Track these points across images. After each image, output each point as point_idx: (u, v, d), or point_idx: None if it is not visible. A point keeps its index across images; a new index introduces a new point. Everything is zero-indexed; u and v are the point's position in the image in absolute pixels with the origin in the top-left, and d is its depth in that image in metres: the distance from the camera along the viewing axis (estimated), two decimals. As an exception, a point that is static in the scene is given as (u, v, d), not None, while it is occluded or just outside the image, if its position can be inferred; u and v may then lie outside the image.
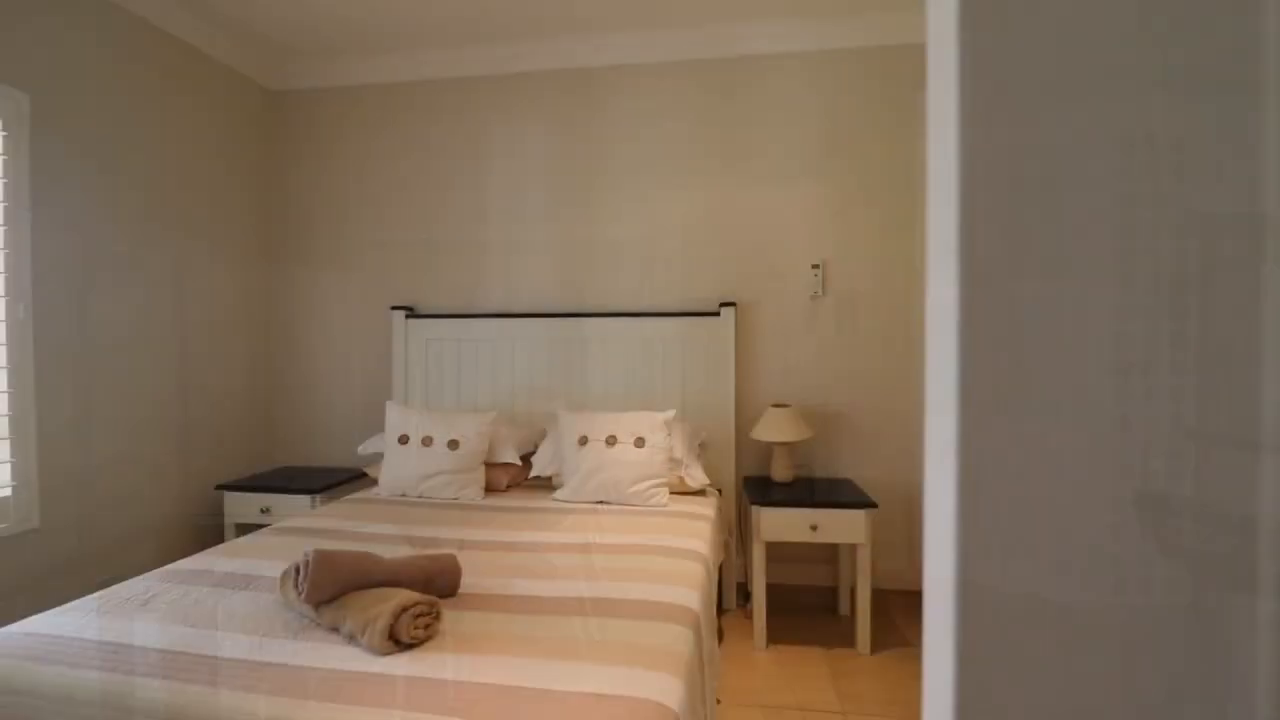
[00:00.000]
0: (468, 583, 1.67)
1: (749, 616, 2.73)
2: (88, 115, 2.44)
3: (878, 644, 2.50)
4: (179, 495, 2.84)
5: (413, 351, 3.16)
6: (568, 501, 2.49)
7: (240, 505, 2.85)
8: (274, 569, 1.77)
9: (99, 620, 1.45)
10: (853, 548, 2.50)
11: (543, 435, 2.90)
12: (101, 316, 2.49)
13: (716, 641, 2.07)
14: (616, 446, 2.48)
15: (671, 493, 2.54)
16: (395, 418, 2.70)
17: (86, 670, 1.27)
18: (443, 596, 1.57)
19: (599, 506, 2.42)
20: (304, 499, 2.76)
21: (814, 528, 2.42)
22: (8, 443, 2.16)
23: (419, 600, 1.38)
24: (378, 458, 2.90)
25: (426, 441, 2.60)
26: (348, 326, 3.30)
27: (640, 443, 2.47)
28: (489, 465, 2.70)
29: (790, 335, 2.94)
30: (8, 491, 2.16)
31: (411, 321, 3.16)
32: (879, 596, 2.84)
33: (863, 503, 2.43)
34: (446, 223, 3.20)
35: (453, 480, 2.56)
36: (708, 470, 2.73)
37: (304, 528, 2.19)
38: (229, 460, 3.11)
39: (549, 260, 3.11)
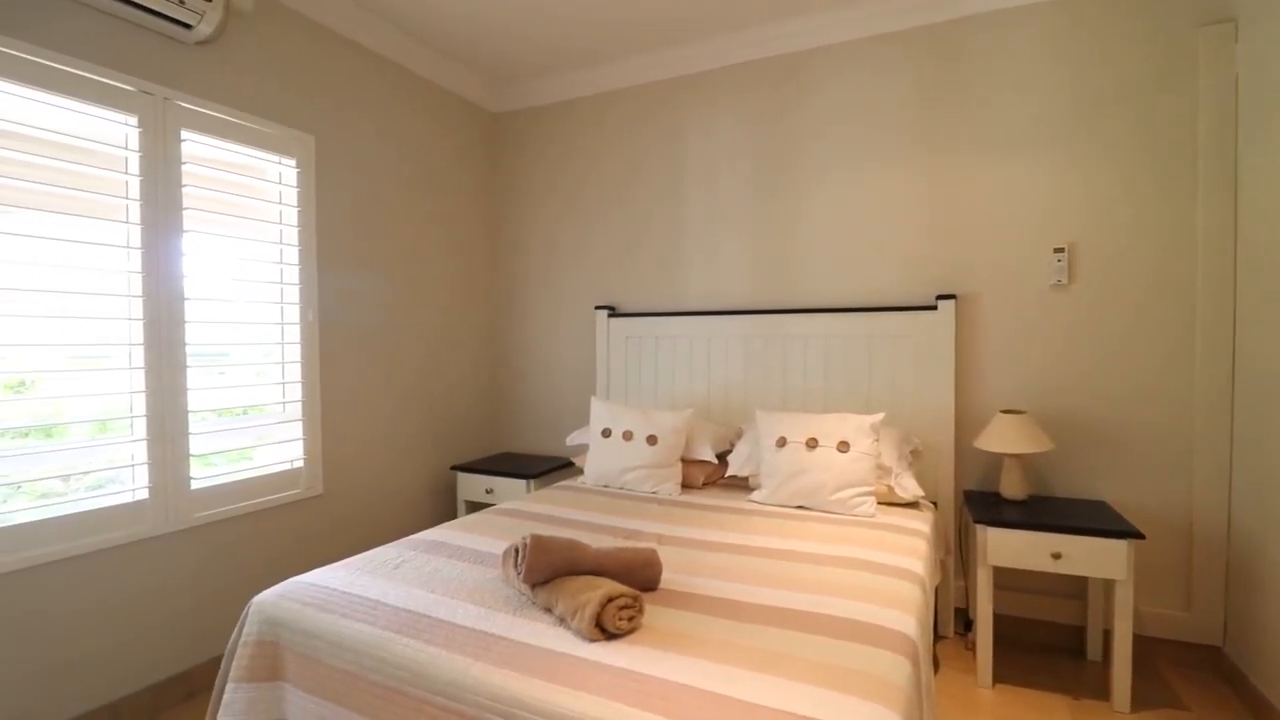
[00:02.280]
0: (667, 578, 1.69)
1: (969, 648, 2.45)
2: (351, 146, 2.89)
3: (1140, 700, 2.09)
4: (422, 472, 3.26)
5: (614, 349, 3.30)
6: (764, 504, 2.42)
7: (469, 485, 3.20)
8: (496, 547, 1.94)
9: (362, 578, 1.70)
10: (1108, 583, 2.11)
11: (739, 434, 2.86)
12: (363, 319, 2.94)
13: (932, 671, 1.87)
14: (818, 450, 2.35)
15: (879, 503, 2.35)
16: (598, 412, 2.83)
17: (353, 621, 1.49)
18: (644, 590, 1.59)
19: (798, 512, 2.31)
20: (520, 483, 3.02)
21: (1056, 556, 2.08)
22: (300, 424, 2.64)
23: (624, 592, 1.41)
24: (583, 449, 3.08)
25: (627, 436, 2.69)
26: (559, 325, 3.55)
27: (844, 447, 2.32)
28: (686, 462, 2.73)
29: (1025, 331, 2.56)
30: (300, 464, 2.64)
31: (613, 320, 3.29)
32: (1141, 644, 2.37)
33: (1124, 531, 2.03)
34: (647, 223, 3.29)
35: (651, 475, 2.62)
36: (920, 481, 2.48)
37: (520, 510, 2.38)
38: (461, 444, 3.51)
39: (747, 256, 3.05)
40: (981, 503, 2.38)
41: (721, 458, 2.78)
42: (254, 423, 2.51)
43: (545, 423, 3.60)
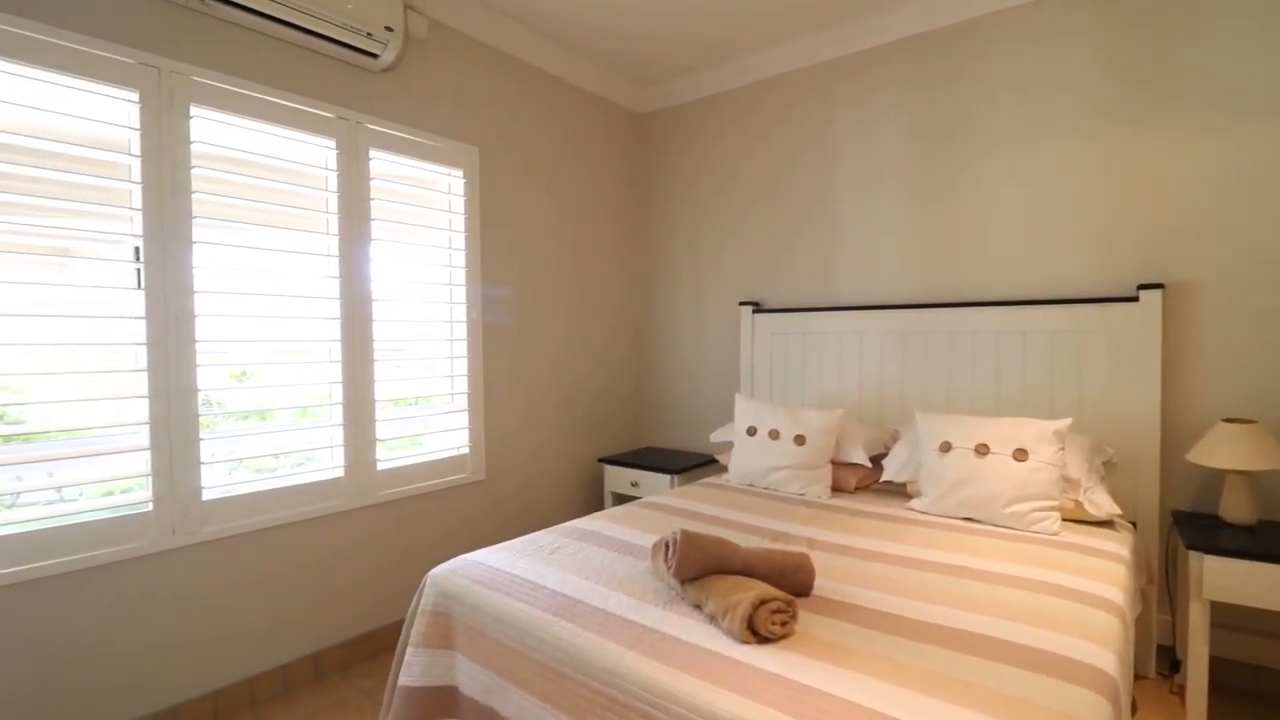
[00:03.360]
0: (820, 585, 1.62)
1: (1175, 692, 2.13)
2: (509, 155, 3.07)
3: None
4: (572, 463, 3.41)
5: (759, 345, 3.23)
6: (926, 513, 2.24)
7: (616, 477, 3.29)
8: (644, 539, 1.97)
9: (522, 561, 1.80)
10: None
11: (895, 437, 2.69)
12: (521, 318, 3.12)
13: (1129, 716, 1.63)
14: (989, 457, 2.14)
15: (1064, 520, 2.10)
16: (743, 410, 2.79)
17: (514, 600, 1.58)
18: (795, 595, 1.54)
19: (965, 524, 2.12)
20: (665, 478, 3.05)
21: (1301, 595, 1.73)
22: (466, 414, 2.86)
23: (776, 596, 1.37)
24: (727, 446, 3.05)
25: (773, 435, 2.63)
26: (703, 322, 3.55)
27: (1022, 455, 2.09)
28: (836, 464, 2.61)
29: (1255, 326, 2.16)
30: (466, 451, 2.86)
31: (758, 316, 3.23)
32: None
33: (1401, 572, 1.65)
34: (794, 214, 3.19)
35: (798, 476, 2.54)
36: (1116, 497, 2.18)
37: (666, 505, 2.40)
38: (609, 437, 3.62)
39: (905, 246, 2.85)
40: (1196, 526, 2.04)
41: (875, 461, 2.62)
42: (425, 412, 2.75)
43: (688, 419, 3.61)
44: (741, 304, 3.28)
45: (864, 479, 2.61)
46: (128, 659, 1.92)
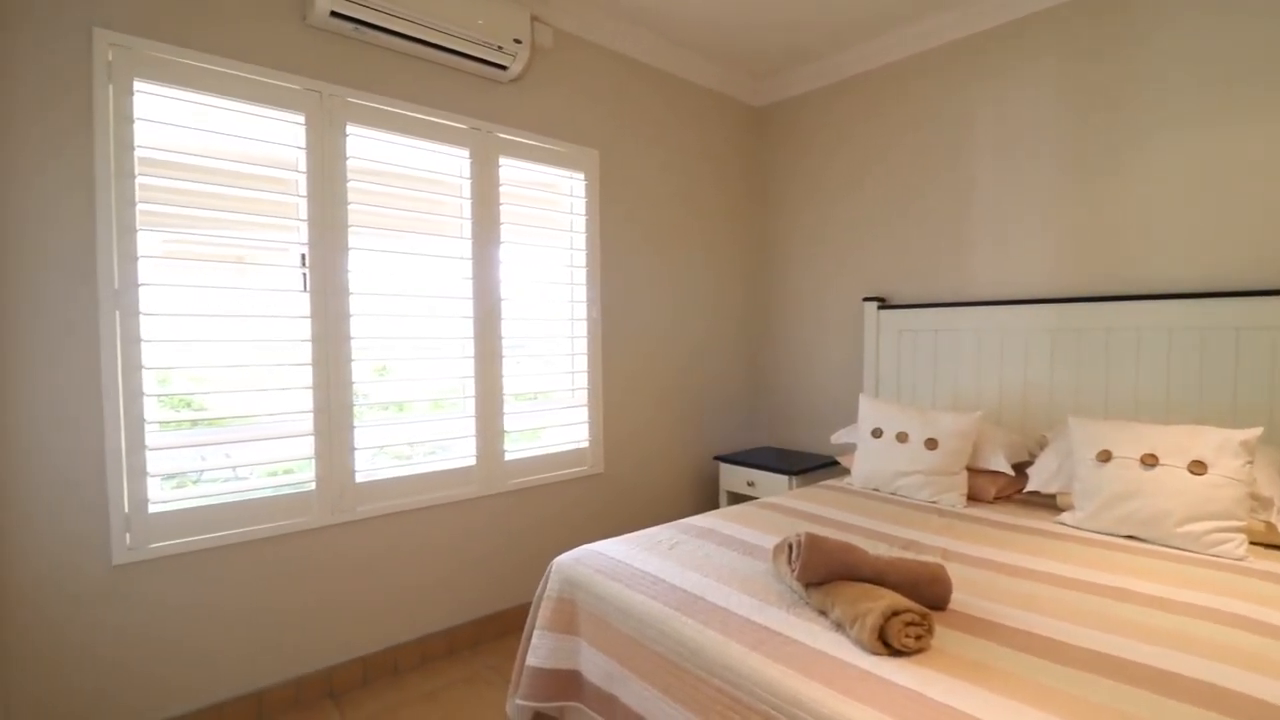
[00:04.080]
0: (958, 599, 1.52)
1: None
2: (628, 155, 3.11)
3: None
4: (687, 460, 3.42)
5: (884, 343, 3.07)
6: (1080, 529, 2.04)
7: (731, 476, 3.26)
8: (764, 540, 1.94)
9: (642, 554, 1.83)
10: None
11: (1042, 444, 2.46)
12: (638, 315, 3.16)
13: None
14: (1158, 469, 1.90)
15: (1251, 543, 1.83)
16: (867, 410, 2.67)
17: (636, 592, 1.60)
18: (930, 608, 1.45)
19: (1128, 543, 1.90)
20: (782, 479, 2.99)
21: None
22: (586, 409, 2.94)
23: (910, 608, 1.29)
24: (850, 448, 2.93)
25: (901, 438, 2.49)
26: (824, 319, 3.43)
27: (1199, 468, 1.84)
28: (972, 471, 2.43)
29: None
30: (585, 445, 2.95)
31: (884, 312, 3.07)
32: None
33: None
34: (925, 206, 3.00)
35: (930, 482, 2.39)
36: (1323, 520, 1.87)
37: (785, 506, 2.34)
38: (725, 435, 3.60)
39: (1056, 234, 2.60)
40: None
41: (1019, 469, 2.42)
42: (547, 406, 2.86)
43: (807, 419, 3.51)
44: (866, 300, 3.14)
45: (1005, 488, 2.41)
46: (290, 622, 2.16)
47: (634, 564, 1.75)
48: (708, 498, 3.51)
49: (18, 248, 1.70)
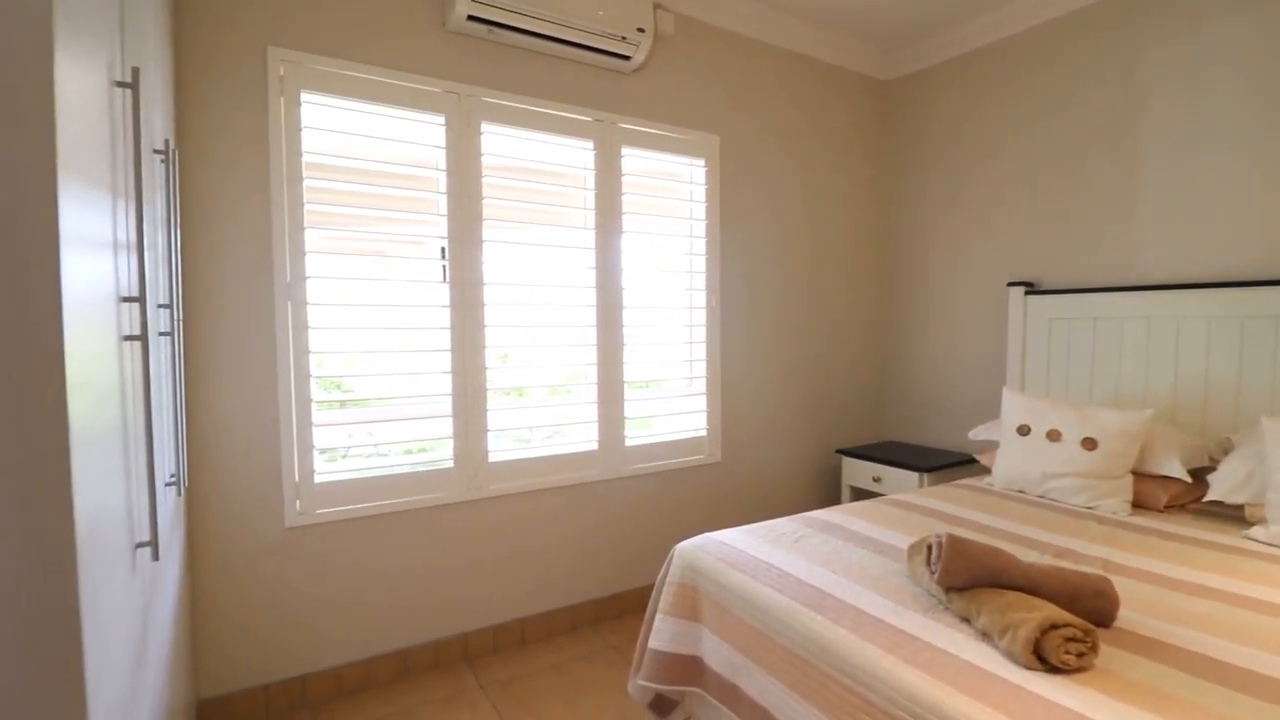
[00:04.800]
0: (1125, 616, 1.37)
1: None
2: (749, 139, 3.04)
3: None
4: (806, 453, 3.32)
5: (1032, 332, 2.81)
6: (1275, 546, 1.77)
7: (855, 470, 3.13)
8: (895, 538, 1.85)
9: (765, 546, 1.80)
10: None
11: (1226, 447, 2.16)
12: (758, 303, 3.10)
13: None
14: (1389, 481, 1.61)
15: None
16: (1013, 405, 2.45)
17: (760, 583, 1.58)
18: (1092, 623, 1.31)
19: (1343, 565, 1.63)
20: (912, 476, 2.82)
21: None
22: (704, 397, 2.93)
23: (1071, 621, 1.18)
24: (990, 445, 2.72)
25: (1053, 436, 2.27)
26: (961, 306, 3.19)
27: None
28: (1139, 475, 2.17)
29: None
30: (703, 433, 2.94)
31: (1031, 298, 2.81)
32: None
33: None
34: (1082, 181, 2.70)
35: (1087, 486, 2.16)
36: None
37: (917, 504, 2.21)
38: (846, 427, 3.46)
39: (1246, 209, 2.26)
40: None
41: (1196, 476, 2.14)
42: (665, 394, 2.88)
43: (939, 413, 3.29)
44: (1010, 285, 2.89)
45: (1178, 496, 2.14)
46: (430, 589, 2.33)
47: (757, 555, 1.73)
48: (829, 492, 3.39)
49: (209, 247, 1.94)
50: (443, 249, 2.28)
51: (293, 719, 2.05)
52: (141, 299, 0.97)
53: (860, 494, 3.16)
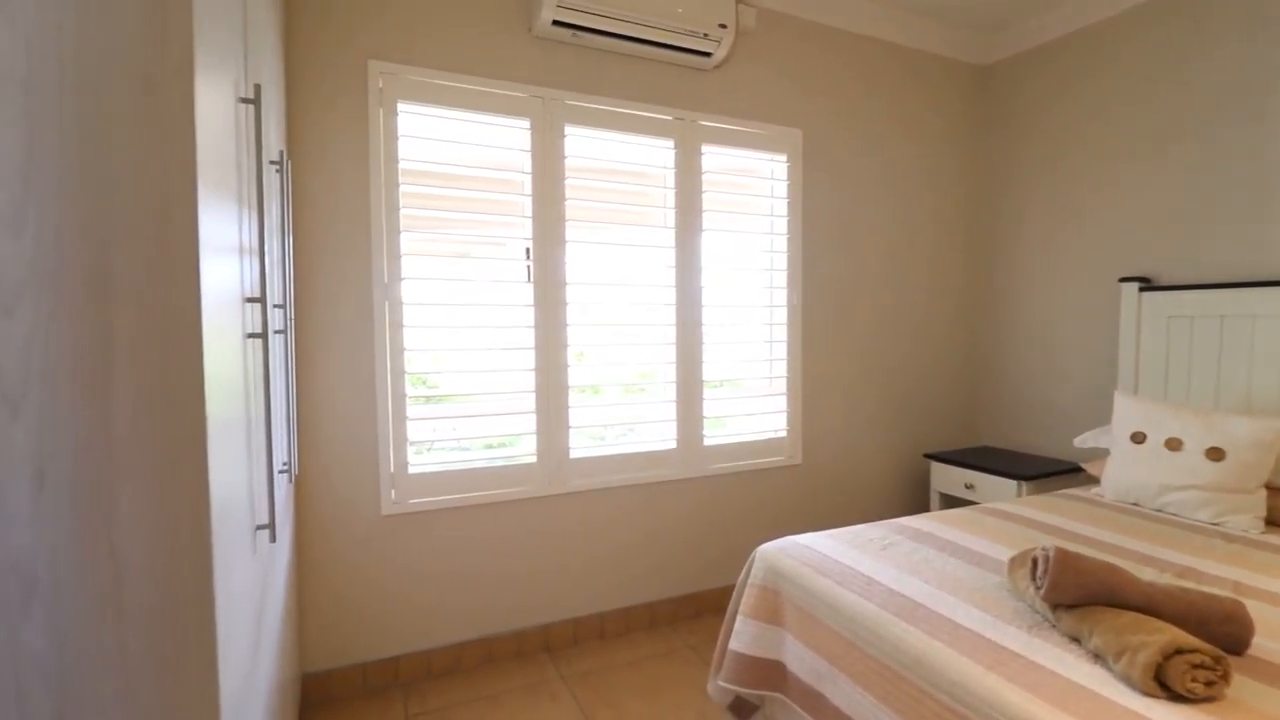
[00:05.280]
0: (1259, 644, 1.24)
1: None
2: (832, 133, 2.95)
3: None
4: (893, 456, 3.20)
5: (1148, 331, 2.59)
6: None
7: (945, 476, 2.98)
8: (993, 550, 1.75)
9: (851, 552, 1.74)
10: None
11: (1386, 461, 1.92)
12: (841, 301, 3.01)
13: None
14: None
15: None
16: (1126, 411, 2.27)
17: (848, 591, 1.53)
18: (1223, 650, 1.20)
19: None
20: (1009, 484, 2.66)
21: None
22: (784, 397, 2.88)
23: (1199, 647, 1.08)
24: (1099, 454, 2.54)
25: (1172, 445, 2.09)
26: (1064, 303, 2.98)
27: None
28: (1273, 490, 1.97)
29: None
30: (783, 434, 2.88)
31: (1146, 295, 2.59)
32: None
33: None
34: (1207, 163, 2.46)
35: (1213, 500, 1.97)
36: None
37: (1016, 515, 2.09)
38: (934, 431, 3.31)
39: None
40: None
41: (1347, 492, 1.91)
42: (744, 394, 2.84)
43: (1039, 418, 3.09)
44: (1123, 280, 2.67)
45: (1325, 514, 1.92)
46: (513, 580, 2.40)
47: (844, 561, 1.68)
48: (916, 498, 3.25)
49: (316, 250, 2.07)
50: (527, 249, 2.34)
51: (387, 697, 2.16)
52: (262, 299, 1.04)
53: (951, 501, 3.01)
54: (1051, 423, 3.01)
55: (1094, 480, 2.51)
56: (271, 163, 1.44)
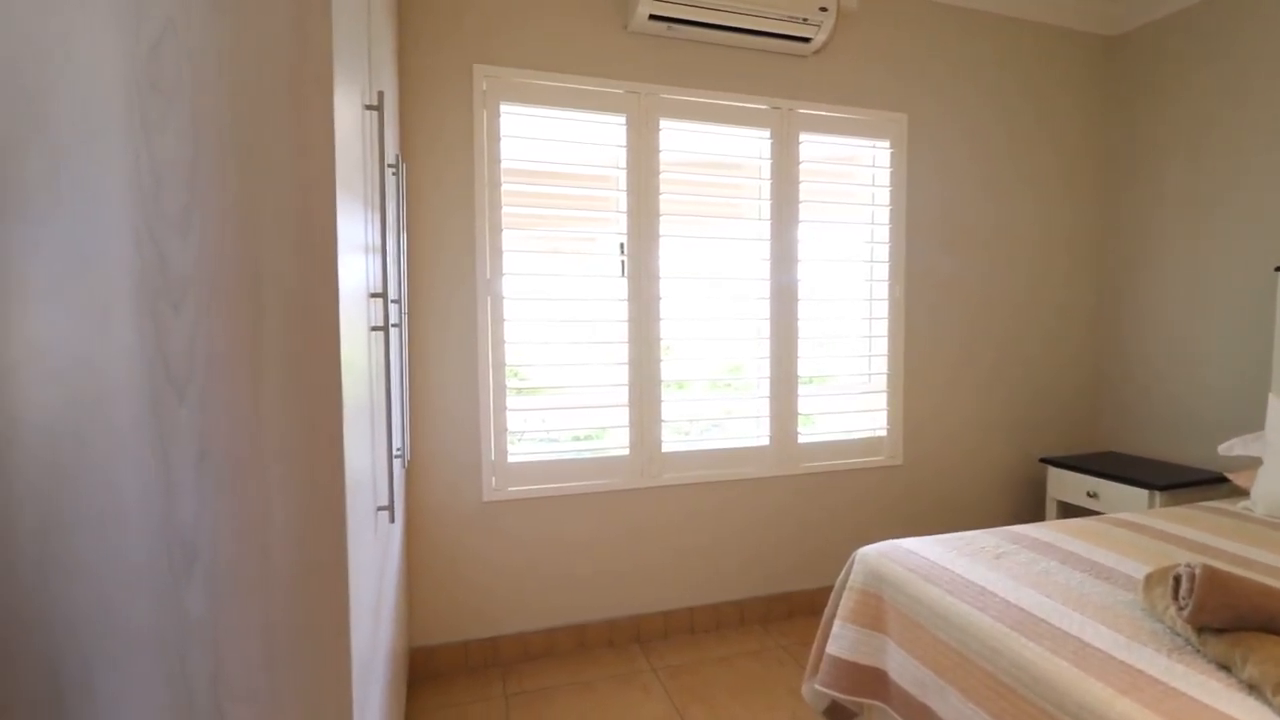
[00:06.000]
0: None
1: None
2: (941, 117, 2.79)
3: None
4: (1003, 459, 3.00)
5: (1314, 327, 2.29)
6: None
7: (1063, 483, 2.76)
8: (1124, 564, 1.60)
9: (961, 560, 1.65)
10: None
11: None
12: (948, 294, 2.84)
13: None
14: None
15: None
16: (1284, 415, 2.02)
17: (959, 601, 1.45)
18: None
19: None
20: (1140, 493, 2.43)
21: None
22: (884, 395, 2.76)
23: (1388, 687, 0.94)
24: (1247, 463, 2.27)
25: (1345, 455, 1.84)
26: (1206, 294, 2.68)
27: None
28: None
29: None
30: (883, 433, 2.77)
31: (1313, 286, 2.29)
32: None
33: None
34: (1397, 136, 2.14)
35: (1398, 519, 1.72)
36: None
37: (1150, 527, 1.90)
38: (1051, 434, 3.07)
39: None
40: None
41: None
42: (841, 390, 2.75)
43: (1174, 422, 2.80)
44: (1279, 269, 2.37)
45: None
46: (606, 570, 2.44)
47: (953, 569, 1.59)
48: (1029, 505, 3.04)
49: (425, 248, 2.18)
50: (621, 244, 2.36)
51: (486, 675, 2.26)
52: (384, 295, 1.11)
53: (1070, 510, 2.79)
54: (1187, 427, 2.72)
55: (1241, 492, 2.25)
56: (389, 166, 1.53)
